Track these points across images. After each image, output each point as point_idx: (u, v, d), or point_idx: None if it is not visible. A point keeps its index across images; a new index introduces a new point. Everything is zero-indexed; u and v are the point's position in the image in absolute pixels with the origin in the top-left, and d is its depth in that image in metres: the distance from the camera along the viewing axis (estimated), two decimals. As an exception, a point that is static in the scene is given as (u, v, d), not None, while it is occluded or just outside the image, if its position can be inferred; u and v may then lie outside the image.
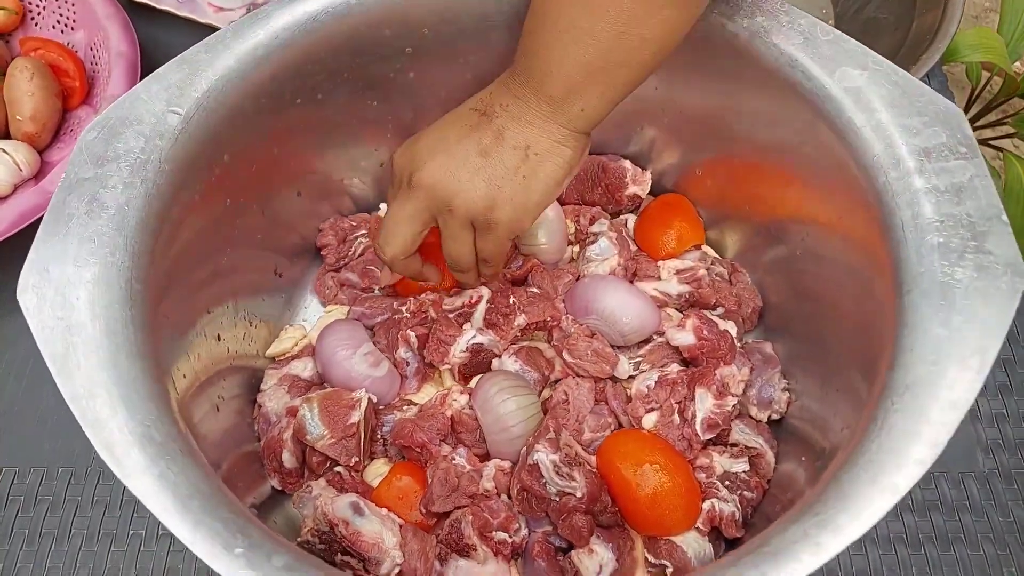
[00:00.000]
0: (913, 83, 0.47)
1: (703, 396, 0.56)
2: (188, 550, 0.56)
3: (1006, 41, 1.06)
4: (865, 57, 0.49)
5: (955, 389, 0.38)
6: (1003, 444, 0.61)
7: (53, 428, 0.63)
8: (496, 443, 0.55)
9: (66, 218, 0.43)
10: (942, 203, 0.43)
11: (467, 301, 0.61)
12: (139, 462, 0.37)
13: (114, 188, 0.45)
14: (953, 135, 0.45)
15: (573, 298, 0.62)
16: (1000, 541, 0.57)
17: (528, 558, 0.53)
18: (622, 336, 0.59)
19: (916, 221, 0.43)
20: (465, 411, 0.57)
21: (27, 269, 0.42)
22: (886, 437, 0.37)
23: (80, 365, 0.39)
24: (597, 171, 0.67)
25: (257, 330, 0.62)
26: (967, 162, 0.44)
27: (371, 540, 0.51)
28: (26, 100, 0.72)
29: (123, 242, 0.43)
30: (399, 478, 0.56)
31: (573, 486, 0.51)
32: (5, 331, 0.68)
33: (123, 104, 0.48)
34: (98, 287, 0.41)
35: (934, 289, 0.41)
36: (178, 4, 0.83)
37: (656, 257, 0.64)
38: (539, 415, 0.56)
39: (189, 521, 0.35)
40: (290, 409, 0.57)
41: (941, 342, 0.39)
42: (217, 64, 0.50)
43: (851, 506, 0.35)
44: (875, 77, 0.48)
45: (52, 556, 0.58)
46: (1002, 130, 1.26)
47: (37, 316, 0.40)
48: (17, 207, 0.65)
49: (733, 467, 0.55)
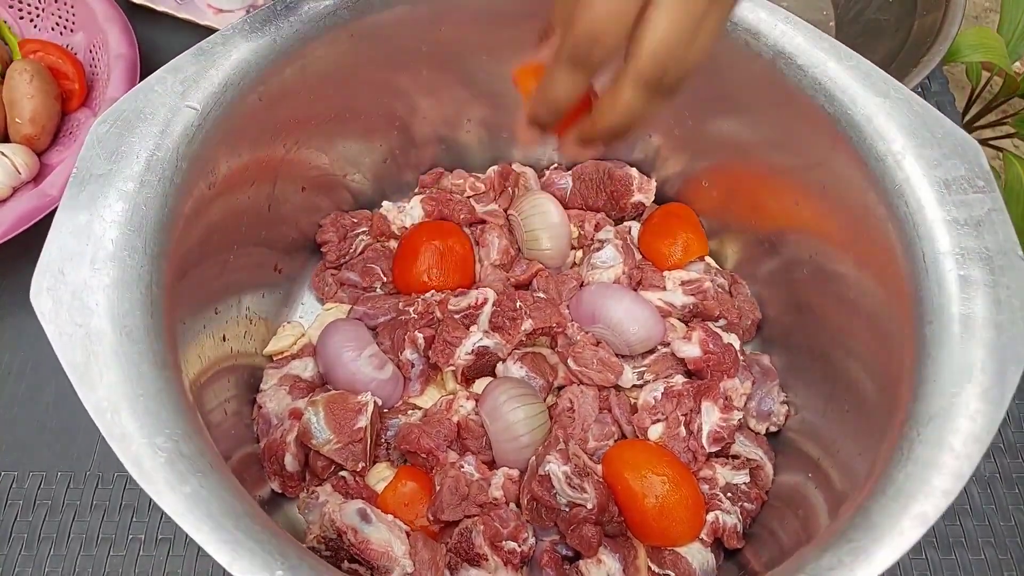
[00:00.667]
0: (932, 113, 0.48)
1: (709, 409, 0.56)
2: (187, 555, 0.57)
3: (1006, 41, 1.06)
4: (886, 84, 0.49)
5: (977, 421, 0.39)
6: (1004, 448, 0.62)
7: (52, 432, 0.61)
8: (504, 452, 0.55)
9: (80, 216, 0.41)
10: (962, 236, 0.44)
11: (473, 303, 0.60)
12: (170, 479, 0.35)
13: (130, 185, 0.43)
14: (971, 168, 0.46)
15: (579, 305, 0.62)
16: (1001, 545, 0.58)
17: (536, 567, 0.53)
18: (628, 346, 0.60)
19: (936, 253, 0.44)
20: (471, 417, 0.57)
21: (40, 271, 0.40)
22: (913, 467, 0.38)
23: (103, 376, 0.37)
24: (603, 176, 0.67)
25: (256, 327, 0.60)
26: (985, 196, 0.46)
27: (380, 548, 0.50)
28: (25, 102, 0.70)
29: (141, 244, 0.42)
30: (404, 483, 0.55)
31: (584, 498, 0.51)
32: (4, 335, 0.66)
33: (136, 96, 0.45)
34: (117, 291, 0.40)
35: (954, 321, 0.42)
36: (177, 6, 0.82)
37: (661, 267, 0.65)
38: (547, 424, 0.56)
39: (227, 542, 0.34)
40: (293, 411, 0.56)
41: (962, 374, 0.40)
42: (234, 56, 0.48)
43: (883, 536, 0.36)
44: (896, 105, 0.49)
45: (51, 560, 0.57)
46: (1002, 130, 1.27)
47: (54, 321, 0.38)
48: (15, 210, 0.64)
49: (735, 479, 0.56)
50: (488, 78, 0.63)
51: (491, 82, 0.64)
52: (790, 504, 0.54)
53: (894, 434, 0.41)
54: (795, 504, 0.52)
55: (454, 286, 0.63)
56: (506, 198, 0.68)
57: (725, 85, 0.57)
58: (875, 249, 0.49)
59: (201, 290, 0.50)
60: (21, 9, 0.80)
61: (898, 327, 0.46)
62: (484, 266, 0.64)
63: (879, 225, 0.48)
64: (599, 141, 0.42)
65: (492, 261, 0.64)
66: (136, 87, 0.46)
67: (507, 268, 0.64)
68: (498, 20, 0.58)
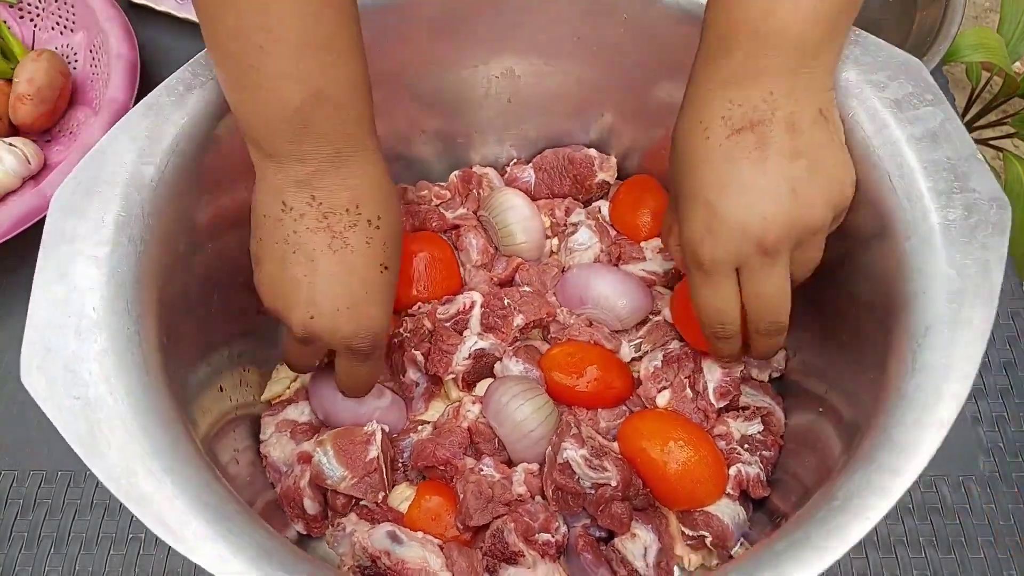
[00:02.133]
0: (871, 40, 0.49)
1: (711, 367, 0.57)
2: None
3: (1006, 41, 1.06)
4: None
5: (974, 323, 0.40)
6: (1004, 447, 0.61)
7: (52, 431, 0.59)
8: (518, 451, 0.55)
9: (56, 287, 0.41)
10: (921, 150, 0.45)
11: (461, 308, 0.60)
12: (199, 531, 0.35)
13: (101, 250, 0.42)
14: (917, 84, 0.47)
15: (564, 290, 0.62)
16: (1001, 544, 0.58)
17: (572, 554, 0.53)
18: (619, 320, 0.60)
19: (902, 170, 0.45)
20: (480, 420, 0.57)
21: (27, 349, 0.39)
22: (920, 377, 0.39)
23: (110, 443, 0.37)
24: (564, 162, 0.68)
25: (250, 374, 0.59)
26: (935, 108, 0.47)
27: (417, 566, 0.50)
28: (29, 64, 0.74)
29: (124, 305, 0.41)
30: (428, 498, 0.55)
31: (607, 476, 0.52)
32: (4, 335, 0.65)
33: (92, 161, 0.45)
34: (109, 357, 0.39)
35: (932, 232, 0.43)
36: (178, 5, 0.82)
37: (636, 239, 0.65)
38: (555, 413, 0.56)
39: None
40: (301, 455, 0.55)
41: (951, 281, 0.41)
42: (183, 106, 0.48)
43: (906, 448, 0.37)
44: (836, 39, 0.50)
45: (51, 560, 0.57)
46: (1002, 130, 1.27)
47: (50, 399, 0.38)
48: (15, 210, 0.64)
49: (748, 430, 0.57)
50: (435, 89, 0.64)
51: (439, 92, 0.64)
52: (806, 443, 0.55)
53: (896, 349, 0.42)
54: (811, 442, 0.53)
55: (443, 295, 0.63)
56: (473, 200, 0.68)
57: (664, 50, 0.58)
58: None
59: (191, 343, 0.49)
60: (21, 9, 0.81)
61: (879, 249, 0.46)
62: (467, 269, 0.64)
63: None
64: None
65: (474, 263, 0.64)
66: (90, 151, 0.45)
67: (489, 268, 0.65)
68: (438, 34, 0.59)
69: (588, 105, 0.67)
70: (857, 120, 0.47)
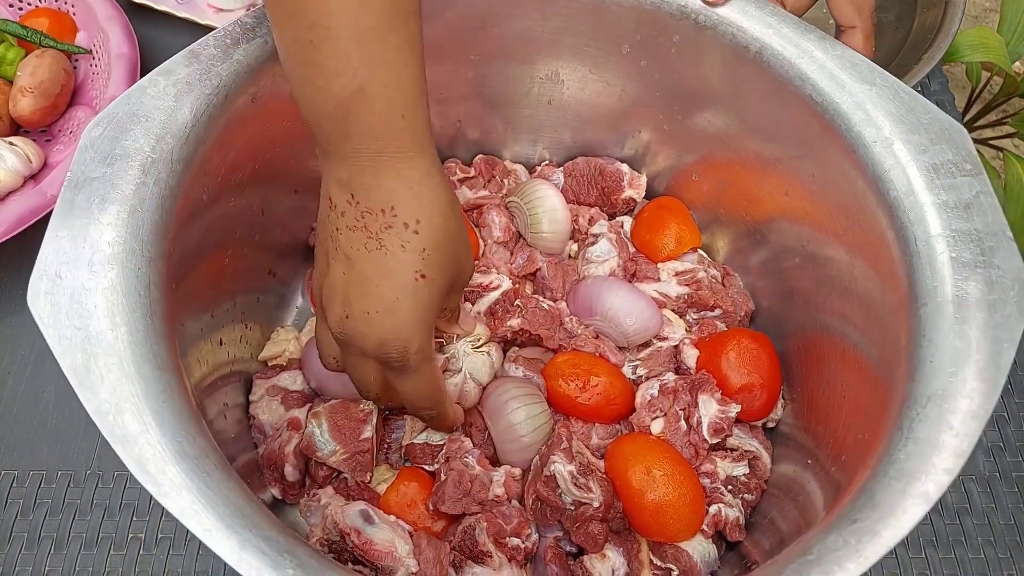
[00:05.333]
0: (918, 100, 0.49)
1: (707, 402, 0.57)
2: (187, 554, 0.56)
3: (1006, 41, 1.06)
4: (872, 73, 0.50)
5: (975, 400, 0.39)
6: (1004, 447, 0.62)
7: (53, 431, 0.61)
8: (506, 451, 0.55)
9: (76, 219, 0.41)
10: (952, 218, 0.45)
11: (487, 284, 0.61)
12: (175, 479, 0.35)
13: (126, 188, 0.42)
14: (958, 152, 0.47)
15: (576, 298, 0.62)
16: (1001, 544, 0.58)
17: (540, 563, 0.53)
18: (625, 337, 0.60)
19: (928, 236, 0.45)
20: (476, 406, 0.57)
21: (37, 275, 0.39)
22: (913, 447, 0.39)
23: (104, 378, 0.37)
24: (594, 173, 0.68)
25: (252, 332, 0.60)
26: (973, 179, 0.46)
27: (384, 549, 0.50)
28: (32, 60, 0.73)
29: (139, 247, 0.41)
30: (406, 484, 0.55)
31: (590, 497, 0.51)
32: (4, 335, 0.65)
33: (129, 99, 0.45)
34: (116, 295, 0.39)
35: (948, 302, 0.43)
36: (178, 5, 0.82)
37: (655, 259, 0.65)
38: (549, 423, 0.56)
39: (234, 541, 0.34)
40: (291, 422, 0.55)
41: (958, 354, 0.41)
42: (227, 58, 0.48)
43: (887, 514, 0.37)
44: (883, 93, 0.49)
45: (51, 560, 0.57)
46: (1002, 130, 1.27)
47: (52, 325, 0.38)
48: (16, 210, 0.64)
49: (734, 471, 0.57)
50: (478, 77, 0.64)
51: (482, 80, 0.64)
52: (789, 493, 0.54)
53: (893, 415, 0.41)
54: (794, 493, 0.53)
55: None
56: (495, 185, 0.68)
57: (712, 79, 0.58)
58: (866, 235, 0.49)
59: (198, 293, 0.49)
60: (21, 8, 0.81)
61: (892, 310, 0.46)
62: (488, 244, 0.65)
63: (870, 211, 0.49)
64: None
65: (496, 239, 0.65)
66: (128, 90, 0.45)
67: (510, 248, 0.65)
68: (491, 23, 0.59)
69: (627, 120, 0.66)
70: (890, 179, 0.47)
